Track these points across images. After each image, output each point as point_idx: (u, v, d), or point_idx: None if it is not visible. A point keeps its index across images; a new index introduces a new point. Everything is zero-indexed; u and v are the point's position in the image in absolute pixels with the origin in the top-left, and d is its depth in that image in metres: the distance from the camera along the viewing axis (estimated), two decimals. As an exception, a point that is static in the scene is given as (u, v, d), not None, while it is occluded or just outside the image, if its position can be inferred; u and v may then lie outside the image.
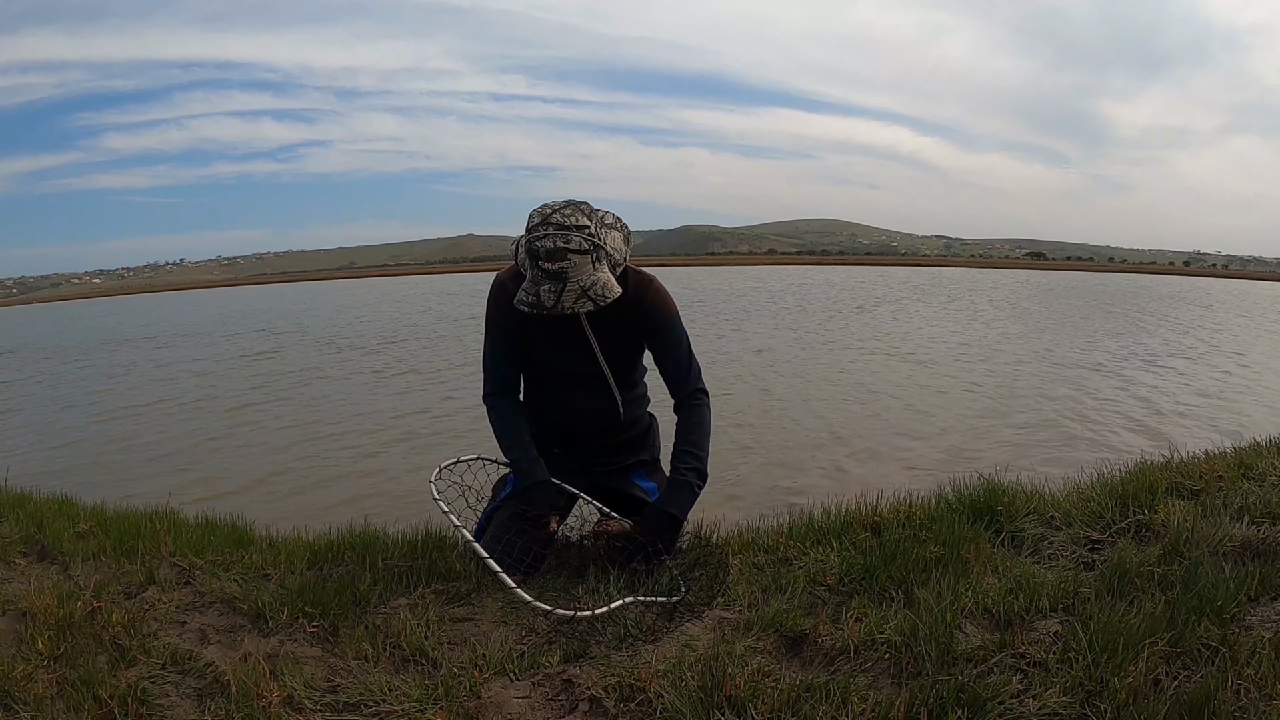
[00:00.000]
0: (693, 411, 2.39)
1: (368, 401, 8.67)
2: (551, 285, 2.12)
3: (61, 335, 24.08)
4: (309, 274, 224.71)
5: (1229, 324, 18.27)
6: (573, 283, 2.11)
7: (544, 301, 2.13)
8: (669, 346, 2.38)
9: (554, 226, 2.11)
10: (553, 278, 2.11)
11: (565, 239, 2.10)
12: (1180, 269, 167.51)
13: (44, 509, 3.15)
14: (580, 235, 2.12)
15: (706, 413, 2.41)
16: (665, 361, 2.39)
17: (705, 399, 2.42)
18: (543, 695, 1.67)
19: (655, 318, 2.35)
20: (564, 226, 2.11)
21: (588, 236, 2.13)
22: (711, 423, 2.41)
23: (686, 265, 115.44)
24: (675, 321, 2.38)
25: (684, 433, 2.38)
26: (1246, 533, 2.26)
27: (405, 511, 3.30)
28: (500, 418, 2.39)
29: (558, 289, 2.12)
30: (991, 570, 2.13)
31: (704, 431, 2.38)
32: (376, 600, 2.11)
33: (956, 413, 7.27)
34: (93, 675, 1.74)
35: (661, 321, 2.36)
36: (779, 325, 16.22)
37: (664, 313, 2.36)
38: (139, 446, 6.87)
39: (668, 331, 2.37)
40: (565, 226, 2.11)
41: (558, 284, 2.11)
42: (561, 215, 2.13)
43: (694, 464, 2.32)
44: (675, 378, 2.40)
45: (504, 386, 2.41)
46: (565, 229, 2.11)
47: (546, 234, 2.11)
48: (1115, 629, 1.69)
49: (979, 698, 1.53)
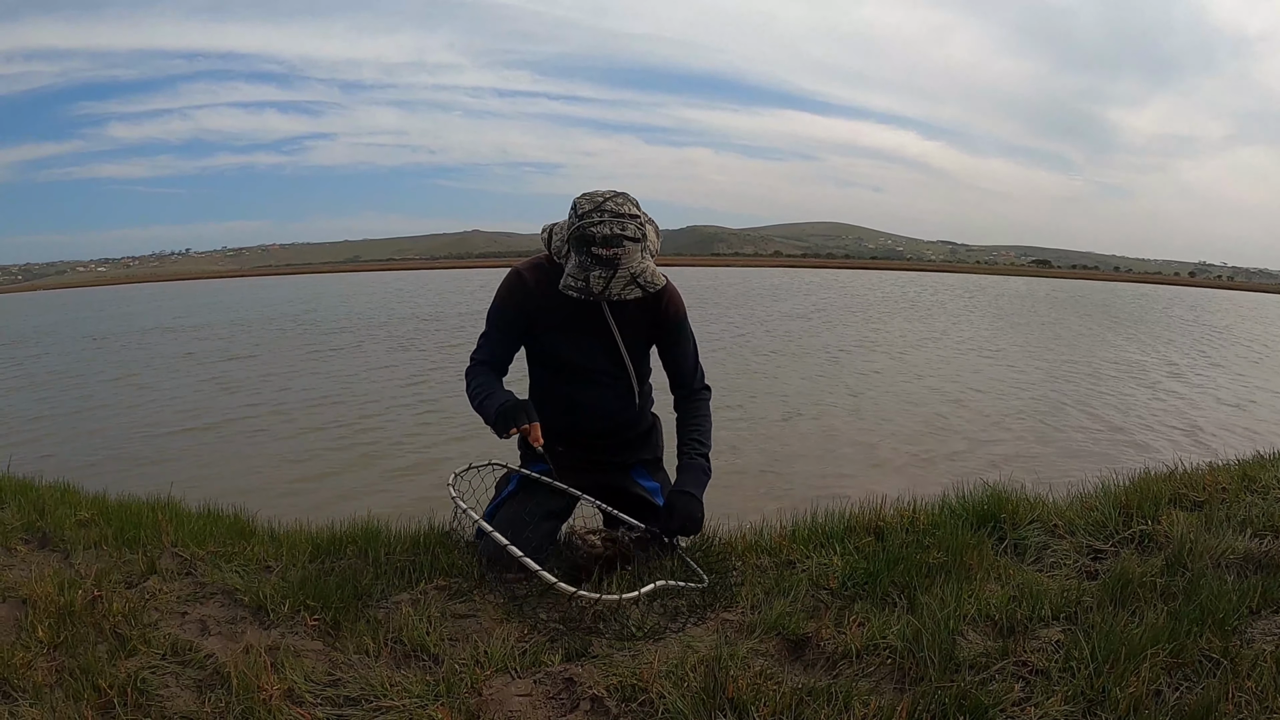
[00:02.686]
0: (700, 405, 2.47)
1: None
2: (602, 271, 2.13)
3: (110, 322, 24.21)
4: (314, 267, 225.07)
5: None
6: (623, 269, 2.13)
7: (593, 287, 2.14)
8: (681, 344, 2.44)
9: (609, 214, 2.13)
10: (604, 264, 2.13)
11: (621, 226, 2.12)
12: (1187, 279, 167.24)
13: (46, 496, 3.15)
14: (634, 224, 2.14)
15: (709, 408, 2.49)
16: (675, 359, 2.45)
17: (709, 395, 2.51)
18: (544, 693, 1.67)
19: (671, 315, 2.40)
20: (619, 215, 2.13)
21: (639, 225, 2.16)
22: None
23: (693, 265, 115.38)
24: (684, 322, 2.45)
25: (691, 423, 2.44)
26: (1249, 545, 2.25)
27: (408, 506, 3.30)
28: (478, 377, 2.38)
29: (608, 275, 2.13)
30: (994, 577, 2.12)
31: (709, 424, 2.46)
32: (378, 595, 2.11)
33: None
34: (92, 664, 1.74)
35: (676, 319, 2.42)
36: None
37: (679, 311, 2.42)
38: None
39: (680, 329, 2.43)
40: (620, 215, 2.14)
41: (609, 270, 2.13)
42: (615, 203, 2.15)
43: (704, 451, 2.40)
44: (684, 375, 2.46)
45: (490, 361, 2.41)
46: (621, 217, 2.13)
47: (602, 220, 2.12)
48: (1117, 639, 1.69)
49: (981, 705, 1.53)
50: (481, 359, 2.41)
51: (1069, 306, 29.91)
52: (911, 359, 12.81)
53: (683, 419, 2.46)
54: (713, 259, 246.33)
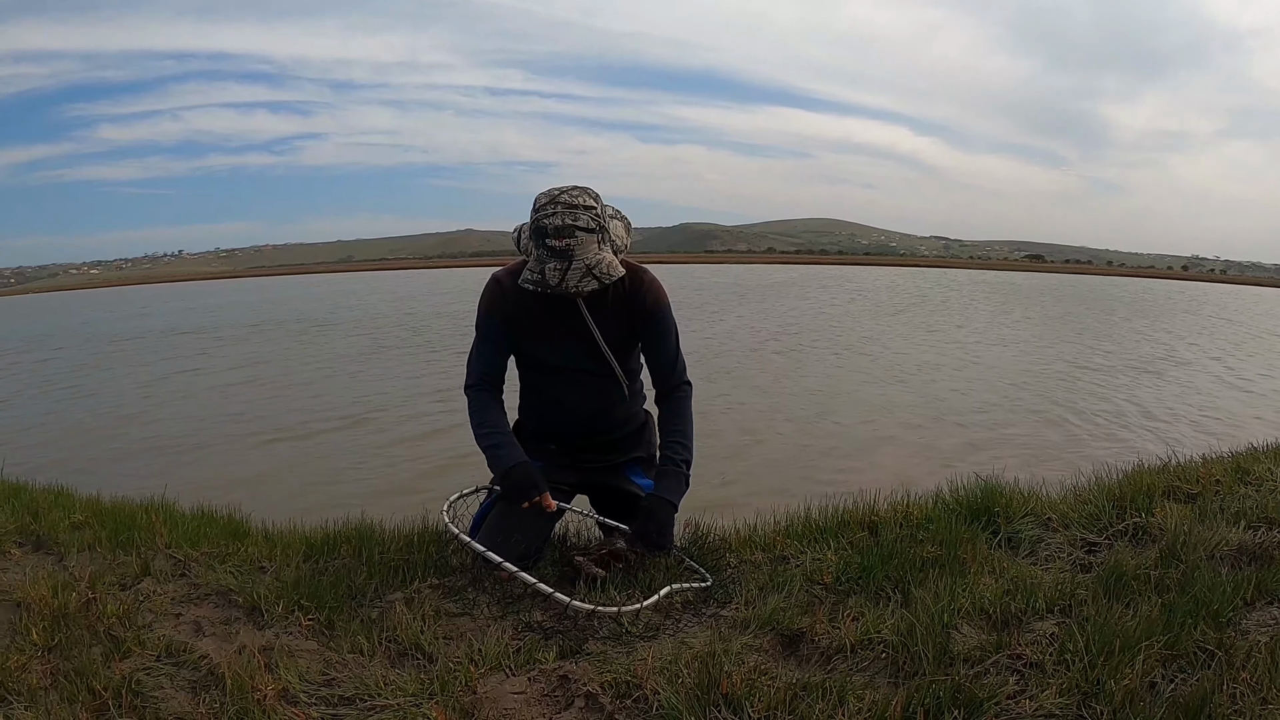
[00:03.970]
0: (679, 402, 2.44)
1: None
2: (557, 264, 2.13)
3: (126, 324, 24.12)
4: (307, 267, 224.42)
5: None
6: (578, 261, 2.13)
7: (549, 280, 2.14)
8: (660, 337, 2.41)
9: (562, 205, 2.14)
10: (559, 255, 2.13)
11: (574, 217, 2.13)
12: (1179, 273, 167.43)
13: (39, 499, 3.14)
14: (587, 215, 2.14)
15: (690, 404, 2.46)
16: (655, 352, 2.43)
17: (690, 390, 2.47)
18: (539, 691, 1.67)
19: (650, 308, 2.37)
20: (572, 206, 2.14)
21: (594, 216, 2.15)
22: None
23: (685, 263, 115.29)
24: (668, 313, 2.42)
25: (671, 423, 2.42)
26: (1243, 537, 2.25)
27: (402, 506, 3.29)
28: (477, 408, 2.38)
29: (563, 267, 2.13)
30: (988, 571, 2.12)
31: (690, 422, 2.43)
32: (372, 594, 2.10)
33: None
34: (87, 666, 1.74)
35: (655, 311, 2.38)
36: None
37: (658, 303, 2.39)
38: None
39: (660, 321, 2.40)
40: (573, 205, 2.14)
41: (563, 262, 2.13)
42: (569, 196, 2.16)
43: (684, 454, 2.37)
44: (663, 369, 2.43)
45: (486, 381, 2.40)
46: (573, 208, 2.14)
47: (555, 211, 2.13)
48: (1112, 631, 1.69)
49: (975, 698, 1.53)
50: (478, 379, 2.40)
51: (1100, 302, 29.85)
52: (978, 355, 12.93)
53: (663, 418, 2.44)
54: (706, 256, 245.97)
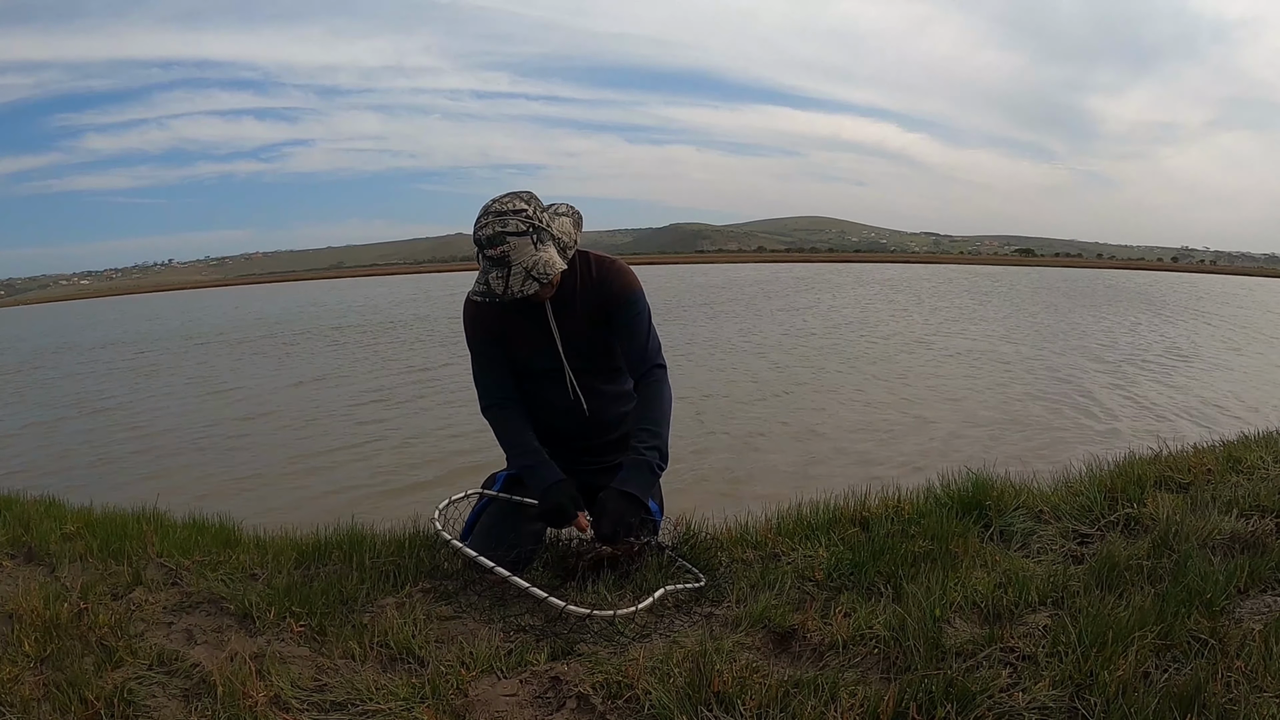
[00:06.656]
0: (650, 388, 2.36)
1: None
2: (498, 272, 2.13)
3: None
4: (297, 274, 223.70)
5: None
6: (516, 265, 2.12)
7: (494, 289, 2.14)
8: (629, 323, 2.35)
9: (493, 215, 2.14)
10: (497, 264, 2.13)
11: (503, 224, 2.12)
12: (1169, 265, 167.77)
13: (31, 510, 3.12)
14: (517, 219, 2.13)
15: (665, 388, 2.36)
16: (625, 339, 2.36)
17: (663, 374, 2.38)
18: (530, 693, 1.66)
19: (616, 296, 2.34)
20: (501, 213, 2.14)
21: (525, 219, 2.14)
22: (672, 399, 2.38)
23: (675, 263, 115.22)
24: (637, 298, 2.36)
25: (641, 410, 2.36)
26: (1235, 525, 2.26)
27: (393, 511, 3.28)
28: (502, 428, 2.37)
29: (504, 274, 2.13)
30: (980, 564, 2.12)
31: (662, 408, 2.34)
32: (364, 599, 2.10)
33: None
34: (79, 677, 1.73)
35: (623, 299, 2.34)
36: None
37: (625, 290, 2.34)
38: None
39: (629, 307, 2.34)
40: (502, 213, 2.14)
41: (503, 269, 2.13)
42: (500, 204, 2.16)
43: (653, 442, 2.28)
44: (633, 355, 2.37)
45: (498, 397, 2.39)
46: (502, 215, 2.14)
47: (486, 222, 2.14)
48: (1104, 622, 1.69)
49: (968, 692, 1.53)
50: (491, 398, 2.39)
51: (1104, 296, 29.86)
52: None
53: (637, 406, 2.39)
54: (696, 256, 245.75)
